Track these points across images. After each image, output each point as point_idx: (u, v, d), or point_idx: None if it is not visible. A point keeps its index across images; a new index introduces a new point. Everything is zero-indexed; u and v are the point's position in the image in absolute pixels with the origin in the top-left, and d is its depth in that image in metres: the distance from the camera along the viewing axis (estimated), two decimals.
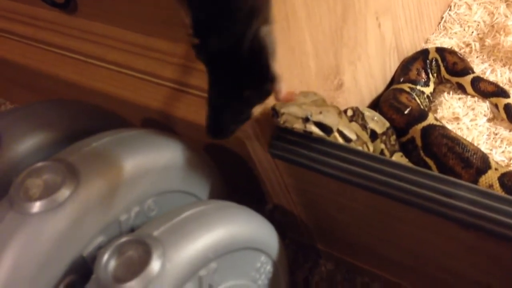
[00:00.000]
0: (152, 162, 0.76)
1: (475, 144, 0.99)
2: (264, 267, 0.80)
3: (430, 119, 0.95)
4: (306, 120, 0.76)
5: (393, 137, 0.94)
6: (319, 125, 0.77)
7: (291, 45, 0.81)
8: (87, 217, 0.69)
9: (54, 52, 1.22)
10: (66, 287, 0.68)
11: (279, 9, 0.76)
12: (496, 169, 0.87)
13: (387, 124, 0.95)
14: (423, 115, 0.96)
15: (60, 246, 0.67)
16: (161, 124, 1.06)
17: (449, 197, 0.71)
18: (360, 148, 0.84)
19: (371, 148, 0.88)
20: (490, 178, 0.87)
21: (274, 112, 0.75)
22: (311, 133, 0.77)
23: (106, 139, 0.75)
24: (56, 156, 0.72)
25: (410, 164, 0.93)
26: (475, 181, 0.87)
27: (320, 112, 0.76)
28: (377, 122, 0.94)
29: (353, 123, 0.90)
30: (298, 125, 0.76)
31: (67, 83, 1.21)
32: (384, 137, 0.93)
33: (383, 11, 0.99)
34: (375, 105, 1.06)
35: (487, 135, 1.01)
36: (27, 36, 1.26)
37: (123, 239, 0.66)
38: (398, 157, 0.93)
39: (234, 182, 1.00)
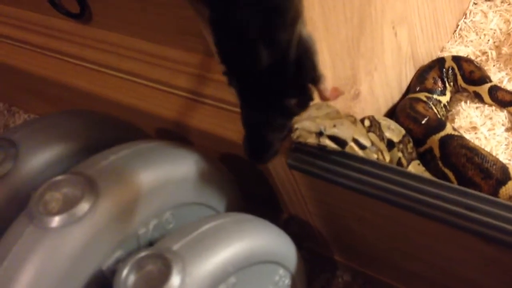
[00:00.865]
0: (169, 174, 0.75)
1: (494, 154, 0.98)
2: (282, 280, 0.80)
3: (448, 129, 0.94)
4: (319, 134, 0.75)
5: (410, 145, 0.94)
6: (333, 138, 0.76)
7: None
8: (106, 231, 0.69)
9: (68, 62, 1.23)
10: None
11: None
12: None
13: (403, 131, 0.94)
14: (441, 125, 0.95)
15: (80, 261, 0.67)
16: (174, 134, 1.06)
17: (470, 210, 0.70)
18: (375, 155, 0.83)
19: (387, 157, 0.87)
20: (511, 189, 0.86)
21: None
22: (325, 146, 0.77)
23: (124, 151, 0.74)
24: (75, 170, 0.71)
25: (427, 173, 0.92)
26: (496, 192, 0.86)
27: (334, 125, 0.76)
28: (393, 131, 0.93)
29: (371, 134, 0.89)
30: (312, 140, 0.75)
31: (80, 92, 1.21)
32: (401, 145, 0.93)
33: (399, 20, 0.99)
34: (391, 114, 1.05)
35: (506, 144, 1.00)
36: (42, 45, 1.27)
37: (143, 254, 0.65)
38: (415, 166, 0.92)
39: (249, 191, 1.00)
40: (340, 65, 0.88)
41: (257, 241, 0.73)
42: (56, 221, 0.66)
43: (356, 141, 0.80)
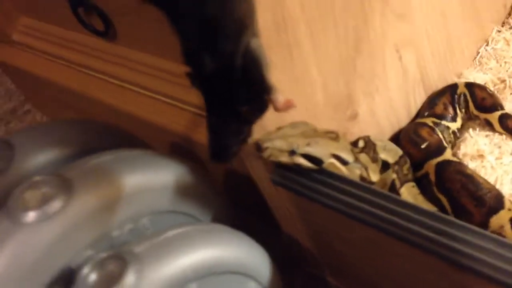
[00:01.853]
0: (149, 181, 0.78)
1: (499, 184, 0.95)
2: None
3: (447, 155, 0.92)
4: (292, 153, 0.75)
5: (406, 166, 0.92)
6: (307, 157, 0.76)
7: (294, 75, 0.82)
8: (78, 230, 0.72)
9: (94, 76, 1.29)
10: None
11: (280, 39, 0.77)
12: (509, 209, 0.83)
13: (400, 152, 0.93)
14: (440, 150, 0.93)
15: (49, 256, 0.70)
16: (182, 147, 1.09)
17: (439, 234, 0.69)
18: (358, 172, 0.82)
19: (374, 177, 0.86)
20: (502, 219, 0.83)
21: (258, 147, 0.74)
22: (300, 165, 0.77)
23: (107, 157, 0.78)
24: (57, 171, 0.75)
25: (420, 196, 0.90)
26: (486, 221, 0.83)
27: (308, 144, 0.75)
28: (389, 152, 0.92)
29: (363, 154, 0.89)
30: (285, 158, 0.75)
31: (104, 106, 1.26)
32: (396, 167, 0.91)
33: (404, 44, 0.98)
34: (397, 138, 1.04)
35: None
36: (73, 61, 1.34)
37: (103, 254, 0.68)
38: (409, 187, 0.91)
39: (251, 208, 1.01)
40: (332, 84, 0.88)
41: (224, 251, 0.74)
42: (29, 216, 0.70)
43: (337, 157, 0.80)
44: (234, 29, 0.56)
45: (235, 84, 0.58)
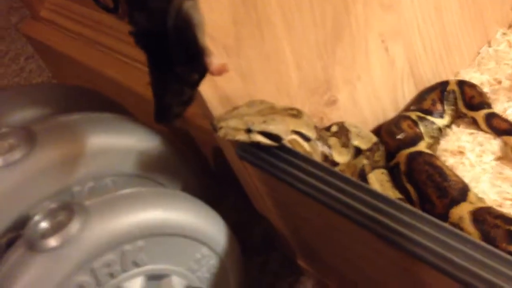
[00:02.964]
0: (113, 143, 0.82)
1: (475, 181, 0.94)
2: (206, 260, 0.82)
3: (420, 147, 0.93)
4: (248, 131, 0.76)
5: (378, 153, 0.93)
6: (265, 134, 0.77)
7: (265, 52, 0.84)
8: (38, 180, 0.76)
9: (108, 54, 1.34)
10: (8, 242, 0.75)
11: (248, 14, 0.80)
12: (471, 202, 0.83)
13: (374, 139, 0.93)
14: (414, 142, 0.94)
15: (7, 202, 0.75)
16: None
17: (375, 211, 0.69)
18: (320, 149, 0.83)
19: (337, 157, 0.87)
20: (462, 210, 0.82)
21: (213, 127, 0.76)
22: (258, 143, 0.78)
23: (75, 116, 0.82)
24: (25, 125, 0.80)
25: (388, 184, 0.91)
26: (447, 212, 0.83)
27: (264, 121, 0.77)
28: (363, 138, 0.93)
29: (333, 138, 0.90)
30: (241, 137, 0.76)
31: (114, 83, 1.31)
32: (368, 153, 0.92)
33: (391, 35, 0.99)
34: (380, 128, 1.04)
35: (491, 173, 0.95)
36: (90, 37, 1.40)
37: (54, 204, 0.72)
38: (378, 174, 0.91)
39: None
40: (307, 67, 0.90)
41: (173, 213, 0.77)
42: None
43: (299, 133, 0.81)
44: None
45: (169, 44, 0.61)
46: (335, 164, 0.87)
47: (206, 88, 0.78)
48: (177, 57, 0.62)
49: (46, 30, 1.60)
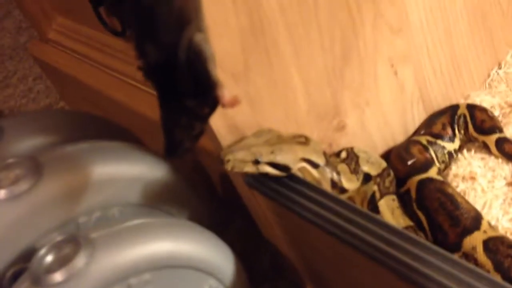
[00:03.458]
0: (120, 171, 0.81)
1: (487, 207, 0.92)
2: None
3: (431, 173, 0.91)
4: (256, 162, 0.75)
5: (388, 179, 0.91)
6: (273, 165, 0.76)
7: (273, 79, 0.83)
8: (44, 211, 0.75)
9: (114, 76, 1.34)
10: (14, 274, 0.74)
11: (256, 41, 0.79)
12: (485, 231, 0.81)
13: (384, 165, 0.92)
14: (425, 168, 0.92)
15: (13, 234, 0.74)
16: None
17: (389, 245, 0.68)
18: (329, 175, 0.82)
19: (346, 183, 0.85)
20: (475, 240, 0.81)
21: (220, 160, 0.74)
22: (267, 174, 0.77)
23: (83, 145, 0.81)
24: (31, 154, 0.79)
25: (398, 210, 0.89)
26: (459, 241, 0.82)
27: (272, 152, 0.75)
28: (373, 164, 0.91)
29: (342, 164, 0.88)
30: (249, 169, 0.75)
31: (121, 106, 1.31)
32: (378, 179, 0.91)
33: (400, 59, 0.98)
34: (389, 154, 1.03)
35: (503, 199, 0.94)
36: (97, 60, 1.39)
37: (60, 237, 0.71)
38: (389, 200, 0.90)
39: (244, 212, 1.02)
40: (316, 93, 0.89)
41: (182, 245, 0.75)
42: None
43: (307, 161, 0.80)
44: (173, 21, 0.57)
45: (180, 78, 0.60)
46: (344, 190, 0.86)
47: (215, 117, 0.77)
48: (188, 90, 0.61)
49: (54, 52, 1.60)
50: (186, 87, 0.61)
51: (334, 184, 0.84)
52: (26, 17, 1.94)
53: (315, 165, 0.81)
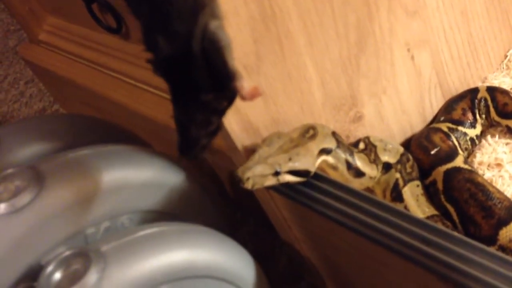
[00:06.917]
0: (128, 178, 0.75)
1: None
2: None
3: (457, 162, 0.85)
4: (276, 173, 0.69)
5: (409, 164, 0.86)
6: (293, 172, 0.71)
7: (287, 69, 0.77)
8: (48, 225, 0.70)
9: (110, 75, 1.28)
10: None
11: (268, 31, 0.73)
12: None
13: (401, 150, 0.87)
14: (450, 157, 0.87)
15: (17, 251, 0.68)
16: None
17: (425, 243, 0.63)
18: (343, 156, 0.78)
19: (362, 166, 0.80)
20: (511, 231, 0.75)
21: (239, 179, 0.68)
22: (288, 182, 0.72)
23: (85, 151, 0.75)
24: (31, 164, 0.73)
25: (422, 197, 0.84)
26: (495, 234, 0.76)
27: (290, 159, 0.70)
28: (390, 152, 0.86)
29: (362, 154, 0.83)
30: (270, 182, 0.70)
31: (118, 105, 1.25)
32: (398, 166, 0.85)
33: (417, 43, 0.92)
34: (408, 143, 0.97)
35: None
36: (91, 60, 1.33)
37: (68, 252, 0.65)
38: (413, 187, 0.84)
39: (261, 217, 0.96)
40: (332, 83, 0.83)
41: (200, 254, 0.70)
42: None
43: (321, 151, 0.75)
44: (187, 8, 0.52)
45: (195, 70, 0.54)
46: (361, 173, 0.80)
47: (227, 113, 0.71)
48: (204, 83, 0.55)
49: (46, 53, 1.54)
50: (201, 79, 0.55)
51: (349, 165, 0.79)
52: (14, 19, 1.88)
53: (328, 151, 0.76)
